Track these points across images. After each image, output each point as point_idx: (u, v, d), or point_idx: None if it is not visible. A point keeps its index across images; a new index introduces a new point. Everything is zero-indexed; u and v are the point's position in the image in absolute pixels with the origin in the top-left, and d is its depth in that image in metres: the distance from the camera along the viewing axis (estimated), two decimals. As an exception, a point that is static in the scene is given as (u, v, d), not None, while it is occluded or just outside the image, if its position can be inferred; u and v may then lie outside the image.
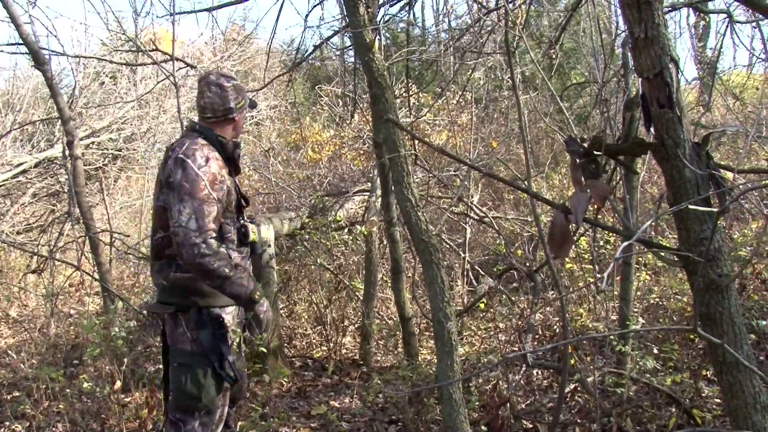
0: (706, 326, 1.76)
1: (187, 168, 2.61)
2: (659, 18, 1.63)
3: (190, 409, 2.72)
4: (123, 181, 10.34)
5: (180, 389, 2.72)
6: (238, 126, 2.90)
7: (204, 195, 2.58)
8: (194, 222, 2.54)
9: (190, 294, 2.74)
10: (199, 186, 2.58)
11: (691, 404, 3.63)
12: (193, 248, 2.51)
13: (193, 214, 2.54)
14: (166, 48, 5.65)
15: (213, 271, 2.54)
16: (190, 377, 2.70)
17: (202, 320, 2.74)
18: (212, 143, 2.77)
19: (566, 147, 1.69)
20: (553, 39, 5.03)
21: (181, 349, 2.75)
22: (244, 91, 2.92)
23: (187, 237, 2.52)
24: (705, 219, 1.68)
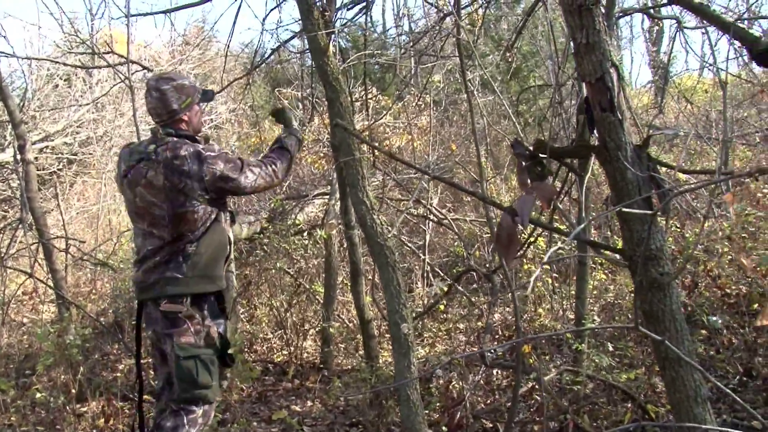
0: (649, 323, 1.81)
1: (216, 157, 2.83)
2: (600, 24, 1.68)
3: (197, 399, 2.84)
4: (79, 185, 10.14)
5: (191, 380, 2.82)
6: (192, 123, 2.97)
7: (235, 157, 2.90)
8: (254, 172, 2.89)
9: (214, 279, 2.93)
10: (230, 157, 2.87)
11: (645, 399, 3.71)
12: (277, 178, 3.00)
13: (241, 167, 2.86)
14: (122, 50, 5.57)
15: (288, 168, 3.07)
16: (201, 367, 2.82)
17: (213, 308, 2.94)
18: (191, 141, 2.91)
19: (512, 150, 1.73)
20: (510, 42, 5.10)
21: (186, 341, 2.81)
22: (189, 87, 2.93)
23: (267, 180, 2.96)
24: (646, 219, 1.73)
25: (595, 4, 1.66)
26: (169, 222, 2.81)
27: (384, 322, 5.30)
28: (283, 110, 3.28)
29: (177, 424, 2.83)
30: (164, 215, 2.81)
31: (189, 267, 2.86)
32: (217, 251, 2.93)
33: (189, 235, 2.84)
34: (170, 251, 2.85)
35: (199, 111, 3.00)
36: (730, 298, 4.50)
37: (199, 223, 2.84)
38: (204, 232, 2.86)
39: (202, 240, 2.88)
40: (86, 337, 4.87)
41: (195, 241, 2.87)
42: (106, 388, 4.54)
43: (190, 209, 2.79)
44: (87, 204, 9.77)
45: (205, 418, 2.90)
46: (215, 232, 2.90)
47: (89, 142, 8.87)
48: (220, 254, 2.95)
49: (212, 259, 2.91)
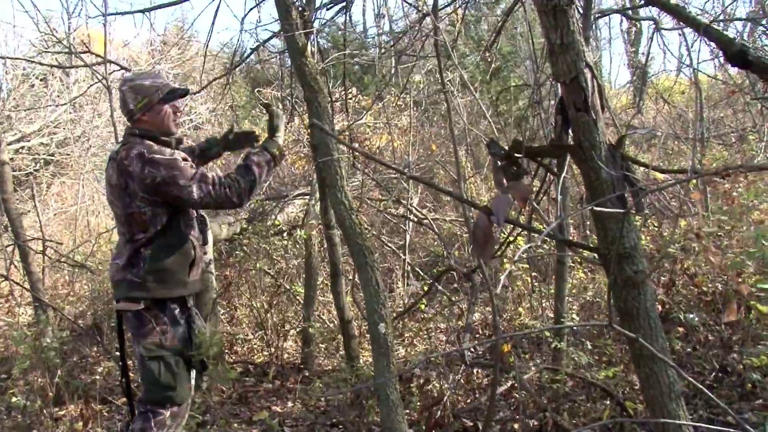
0: (624, 321, 1.83)
1: (160, 162, 2.73)
2: (574, 25, 1.69)
3: (163, 400, 2.81)
4: (57, 186, 10.03)
5: (155, 381, 2.81)
6: (155, 123, 2.90)
7: (188, 166, 2.76)
8: (206, 187, 2.74)
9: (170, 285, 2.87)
10: (179, 165, 2.74)
11: (623, 396, 3.74)
12: (231, 200, 2.79)
13: (195, 178, 2.74)
14: (99, 49, 5.52)
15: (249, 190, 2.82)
16: (164, 368, 2.81)
17: (172, 314, 2.87)
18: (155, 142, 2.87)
19: (488, 150, 1.74)
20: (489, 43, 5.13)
21: (151, 341, 2.80)
22: (148, 87, 2.88)
23: (219, 200, 2.78)
24: (620, 218, 1.75)
25: (569, 5, 1.68)
26: (124, 222, 2.83)
27: (364, 322, 5.30)
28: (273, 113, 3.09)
29: (144, 426, 2.81)
30: (120, 214, 2.84)
31: (145, 270, 2.84)
32: (178, 257, 2.87)
33: (141, 237, 2.82)
34: (130, 252, 2.85)
35: (163, 111, 2.89)
36: (707, 295, 4.55)
37: (150, 225, 2.80)
38: (157, 235, 2.82)
39: (157, 243, 2.84)
40: (64, 339, 4.83)
41: (149, 244, 2.84)
42: (85, 391, 4.50)
43: (137, 210, 2.78)
44: (65, 205, 9.67)
45: (176, 420, 2.87)
46: (172, 236, 2.85)
47: (66, 143, 8.78)
48: (181, 260, 2.89)
49: (172, 264, 2.86)
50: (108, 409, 4.46)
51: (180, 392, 2.85)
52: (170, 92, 2.89)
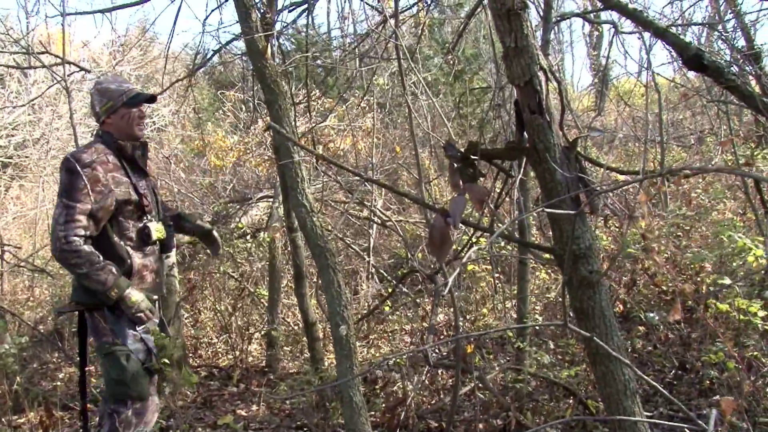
0: (580, 320, 1.86)
1: (71, 168, 2.74)
2: (528, 28, 1.71)
3: (121, 397, 2.83)
4: (15, 190, 9.81)
5: (108, 377, 2.86)
6: (118, 126, 2.91)
7: (79, 195, 2.71)
8: (63, 218, 2.69)
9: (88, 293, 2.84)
10: (77, 185, 2.72)
11: (585, 395, 3.80)
12: (56, 242, 2.70)
13: (64, 210, 2.70)
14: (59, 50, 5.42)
15: (71, 266, 2.73)
16: (114, 364, 2.82)
17: (111, 317, 2.84)
18: (108, 146, 2.88)
19: (445, 152, 1.75)
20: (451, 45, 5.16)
21: (104, 341, 2.83)
22: (113, 91, 2.90)
23: (54, 231, 2.72)
24: (575, 219, 1.77)
25: (524, 9, 1.70)
26: None
27: (329, 325, 5.28)
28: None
29: (109, 428, 2.83)
30: None
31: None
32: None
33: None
34: None
35: (127, 115, 2.89)
36: (667, 294, 4.64)
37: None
38: (89, 243, 2.78)
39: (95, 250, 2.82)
40: (23, 345, 4.74)
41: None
42: (45, 398, 4.41)
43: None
44: (24, 209, 9.46)
45: (141, 418, 2.87)
46: (102, 245, 2.80)
47: (25, 145, 8.59)
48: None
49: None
50: (69, 416, 4.39)
51: (135, 387, 2.83)
52: (134, 96, 2.90)
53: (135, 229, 2.92)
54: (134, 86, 3.02)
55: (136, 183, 2.91)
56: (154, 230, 2.96)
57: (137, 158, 2.95)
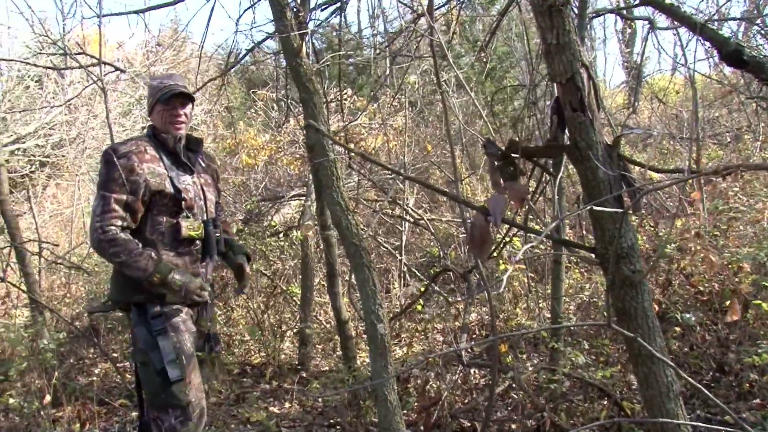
0: (622, 321, 1.83)
1: (108, 159, 2.74)
2: (570, 25, 1.69)
3: (162, 406, 2.75)
4: (52, 188, 10.00)
5: (146, 388, 2.78)
6: (156, 122, 2.92)
7: (115, 185, 2.69)
8: (99, 208, 2.68)
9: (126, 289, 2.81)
10: (113, 176, 2.70)
11: (621, 396, 3.75)
12: (93, 234, 2.68)
13: (100, 201, 2.69)
14: (94, 51, 5.50)
15: (109, 256, 2.68)
16: (148, 376, 2.75)
17: (137, 318, 2.78)
18: (150, 139, 2.89)
19: (485, 150, 1.74)
20: (484, 43, 5.12)
21: (140, 347, 2.78)
22: (152, 88, 2.94)
23: (92, 223, 2.70)
24: (618, 217, 1.74)
25: (565, 5, 1.67)
26: None
27: (361, 323, 5.30)
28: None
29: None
30: None
31: (116, 270, 2.86)
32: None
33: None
34: None
35: (161, 111, 2.88)
36: (703, 295, 4.56)
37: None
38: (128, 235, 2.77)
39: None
40: (61, 341, 4.82)
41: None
42: (82, 392, 4.49)
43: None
44: (60, 207, 9.65)
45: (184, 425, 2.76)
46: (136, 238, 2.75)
47: (62, 145, 8.75)
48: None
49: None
50: (105, 411, 4.46)
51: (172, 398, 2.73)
52: (165, 93, 2.86)
53: (168, 224, 2.83)
54: (176, 83, 2.92)
55: (174, 177, 2.84)
56: (185, 227, 2.84)
57: (179, 152, 2.89)
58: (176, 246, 2.84)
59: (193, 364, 2.82)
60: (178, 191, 2.83)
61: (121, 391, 4.74)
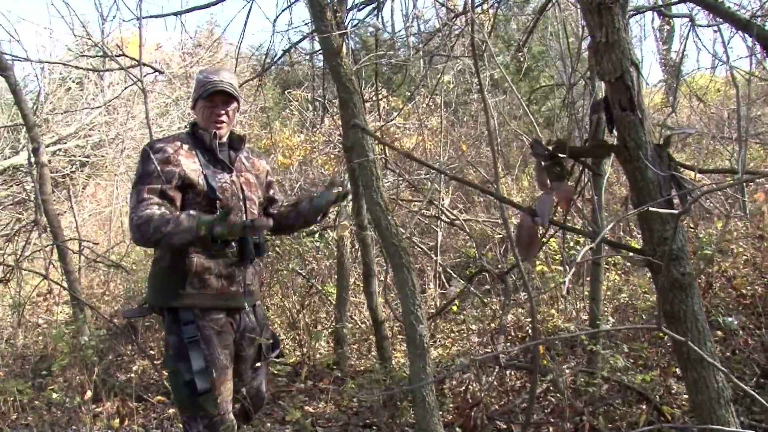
0: (671, 324, 1.79)
1: (144, 155, 2.71)
2: (620, 22, 1.66)
3: (191, 414, 2.69)
4: (91, 188, 10.19)
5: (173, 394, 2.75)
6: (198, 117, 2.87)
7: (150, 178, 2.64)
8: (134, 201, 2.62)
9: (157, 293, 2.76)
10: (148, 169, 2.66)
11: (660, 401, 3.69)
12: (131, 226, 2.61)
13: (135, 194, 2.64)
14: (133, 53, 5.59)
15: (152, 236, 2.55)
16: (175, 385, 2.70)
17: (170, 324, 2.71)
18: (189, 135, 2.85)
19: (531, 150, 1.72)
20: (521, 43, 5.08)
21: (169, 354, 2.72)
22: (197, 83, 2.86)
23: (129, 218, 2.64)
24: (667, 219, 1.71)
25: (615, 2, 1.65)
26: None
27: (396, 323, 5.29)
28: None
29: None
30: None
31: (150, 274, 2.82)
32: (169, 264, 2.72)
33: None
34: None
35: (202, 107, 2.82)
36: (746, 298, 4.46)
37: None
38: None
39: (161, 245, 2.71)
40: (100, 338, 4.89)
41: (157, 246, 2.74)
42: (121, 389, 4.56)
43: None
44: (99, 206, 9.83)
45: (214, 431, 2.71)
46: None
47: (101, 145, 8.90)
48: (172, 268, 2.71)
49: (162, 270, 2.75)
50: (143, 407, 4.52)
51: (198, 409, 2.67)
52: (207, 89, 2.80)
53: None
54: (222, 79, 2.83)
55: (210, 174, 2.75)
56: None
57: (215, 149, 2.81)
58: (208, 247, 2.71)
59: (224, 376, 2.73)
60: (212, 189, 2.73)
61: (159, 388, 4.80)
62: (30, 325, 6.06)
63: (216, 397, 2.68)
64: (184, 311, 2.69)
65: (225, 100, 2.83)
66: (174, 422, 4.23)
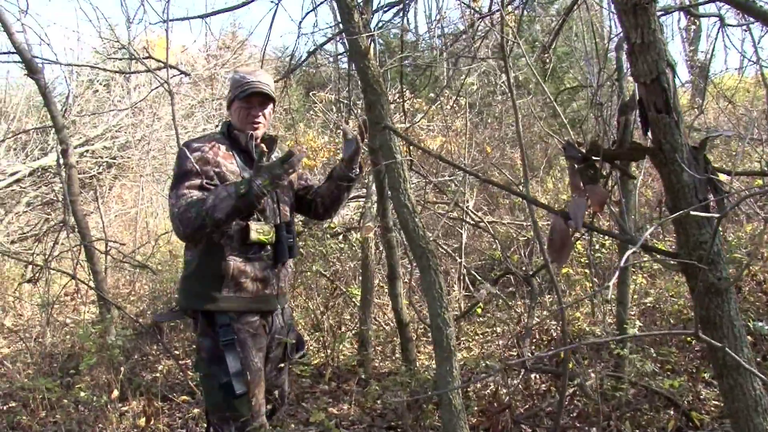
0: (706, 329, 1.76)
1: (181, 155, 2.68)
2: (655, 23, 1.64)
3: (223, 417, 2.68)
4: (117, 189, 10.31)
5: (205, 397, 2.74)
6: (233, 118, 2.84)
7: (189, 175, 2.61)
8: (174, 198, 2.59)
9: (191, 297, 2.74)
10: (185, 168, 2.63)
11: (689, 407, 3.64)
12: (174, 219, 2.57)
13: (174, 193, 2.61)
14: (159, 55, 5.63)
15: (195, 219, 2.52)
16: (208, 389, 2.70)
17: (204, 327, 2.71)
18: (225, 135, 2.82)
19: (564, 153, 1.70)
20: (547, 44, 5.04)
21: (201, 356, 2.72)
22: (234, 82, 2.83)
23: (170, 213, 2.61)
24: (703, 223, 1.68)
25: (651, 3, 1.62)
26: None
27: (420, 325, 5.28)
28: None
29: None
30: None
31: (182, 277, 2.81)
32: (203, 267, 2.70)
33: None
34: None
35: (239, 108, 2.78)
36: (775, 302, 4.39)
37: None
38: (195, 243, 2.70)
39: (193, 250, 2.73)
40: (127, 337, 4.93)
41: (189, 249, 2.75)
42: (147, 388, 4.59)
43: None
44: (125, 207, 9.94)
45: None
46: (205, 244, 2.68)
47: (127, 146, 9.00)
48: (206, 271, 2.69)
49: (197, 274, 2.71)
50: (168, 407, 4.55)
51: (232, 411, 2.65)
52: (244, 90, 2.76)
53: (237, 227, 2.68)
54: (259, 80, 2.80)
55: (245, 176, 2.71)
56: (254, 230, 2.69)
57: (251, 150, 2.76)
58: (245, 251, 2.71)
59: (258, 378, 2.74)
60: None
61: (183, 388, 4.83)
62: (58, 324, 6.13)
63: (250, 400, 2.68)
64: (219, 314, 2.68)
65: (262, 101, 2.81)
66: (199, 422, 4.25)
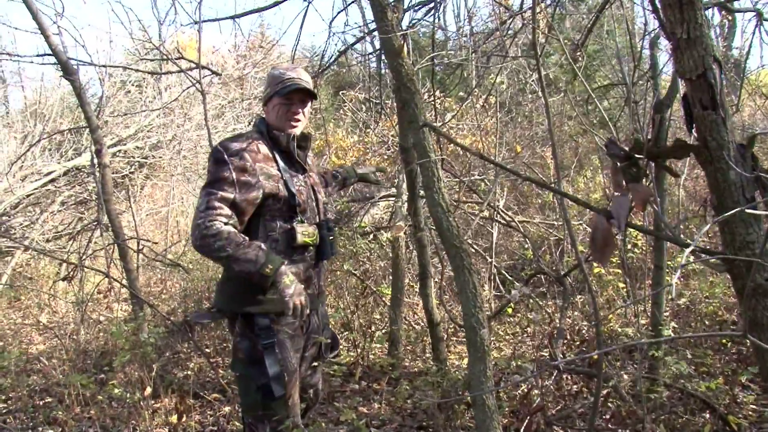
0: (753, 331, 1.72)
1: (218, 158, 2.57)
2: (702, 17, 1.60)
3: (258, 417, 2.67)
4: (148, 188, 10.43)
5: (242, 398, 2.73)
6: (269, 116, 2.76)
7: (223, 184, 2.51)
8: (204, 205, 2.50)
9: (232, 299, 2.70)
10: (222, 174, 2.52)
11: (726, 410, 3.57)
12: (195, 230, 2.48)
13: (206, 198, 2.51)
14: (190, 56, 5.70)
15: (214, 251, 2.45)
16: (244, 391, 2.69)
17: (243, 329, 2.68)
18: (262, 135, 2.73)
19: (607, 151, 1.67)
20: (579, 42, 4.99)
21: (239, 357, 2.69)
22: (273, 78, 2.76)
23: (195, 218, 2.51)
24: (751, 222, 1.64)
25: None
26: None
27: (451, 325, 5.25)
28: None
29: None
30: None
31: (222, 279, 2.79)
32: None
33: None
34: None
35: (278, 105, 2.70)
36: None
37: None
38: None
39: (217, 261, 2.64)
40: (159, 335, 4.98)
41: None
42: (179, 385, 4.64)
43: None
44: (156, 206, 10.06)
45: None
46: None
47: (159, 146, 9.10)
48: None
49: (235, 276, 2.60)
50: (200, 404, 4.58)
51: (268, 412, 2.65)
52: (286, 87, 2.68)
53: (282, 230, 2.65)
54: (300, 77, 2.75)
55: (288, 178, 2.67)
56: (300, 233, 2.66)
57: (292, 150, 2.73)
58: (290, 253, 2.67)
59: (295, 379, 2.73)
60: (292, 195, 2.66)
61: (215, 386, 4.87)
62: (92, 322, 6.22)
63: (287, 401, 2.68)
64: (260, 316, 2.64)
65: (302, 98, 2.74)
66: (230, 420, 4.28)
